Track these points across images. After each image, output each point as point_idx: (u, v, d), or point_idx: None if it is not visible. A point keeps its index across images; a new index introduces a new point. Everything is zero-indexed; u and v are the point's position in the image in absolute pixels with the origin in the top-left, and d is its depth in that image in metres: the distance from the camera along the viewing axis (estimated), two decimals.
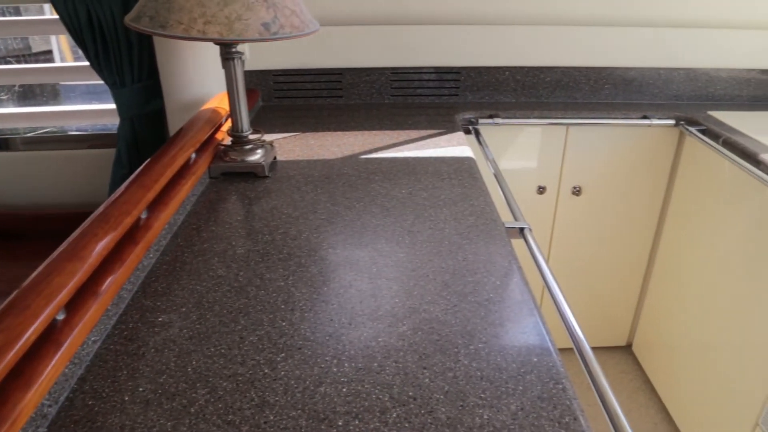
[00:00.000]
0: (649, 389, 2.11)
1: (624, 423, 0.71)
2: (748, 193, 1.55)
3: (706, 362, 1.73)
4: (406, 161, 1.35)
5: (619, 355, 2.27)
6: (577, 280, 2.07)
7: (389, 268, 0.93)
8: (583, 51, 1.86)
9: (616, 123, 1.80)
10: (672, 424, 1.96)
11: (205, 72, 1.59)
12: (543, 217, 1.92)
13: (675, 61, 1.93)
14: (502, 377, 0.71)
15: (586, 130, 1.81)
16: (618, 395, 2.06)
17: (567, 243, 1.99)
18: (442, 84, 1.85)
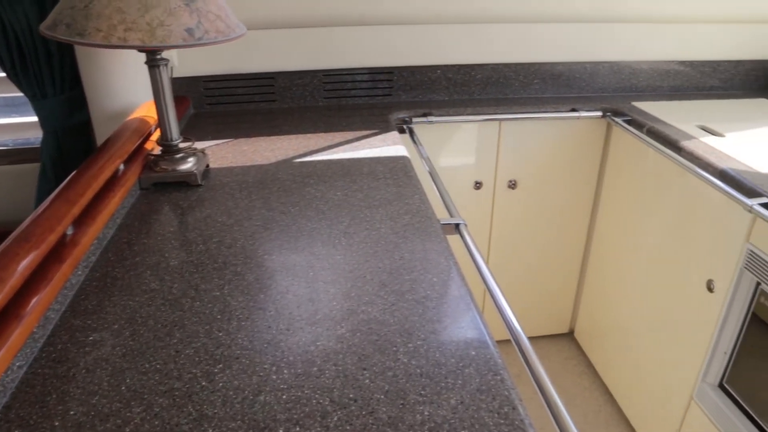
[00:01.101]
0: (593, 373, 2.18)
1: (562, 410, 0.73)
2: (671, 179, 1.62)
3: (643, 344, 1.80)
4: (341, 163, 1.35)
5: (563, 342, 2.34)
6: (519, 271, 2.12)
7: (326, 271, 0.93)
8: (512, 48, 1.90)
9: (546, 116, 1.85)
10: (615, 405, 2.03)
11: (132, 80, 1.55)
12: (481, 211, 1.96)
13: (600, 55, 1.99)
14: (441, 373, 0.72)
15: (518, 125, 1.85)
16: (563, 380, 2.12)
17: (506, 236, 2.03)
18: (375, 84, 1.86)
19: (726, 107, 1.92)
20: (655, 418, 1.75)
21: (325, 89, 1.84)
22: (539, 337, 2.34)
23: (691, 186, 1.53)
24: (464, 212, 1.94)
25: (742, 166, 1.42)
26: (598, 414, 1.99)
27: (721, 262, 1.43)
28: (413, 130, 1.70)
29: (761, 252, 1.30)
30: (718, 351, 1.47)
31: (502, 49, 1.90)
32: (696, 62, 2.08)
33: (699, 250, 1.51)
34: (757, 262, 1.32)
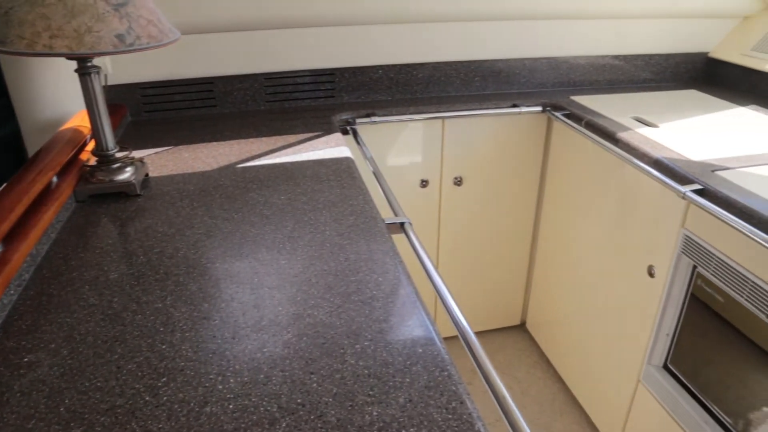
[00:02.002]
0: (545, 363, 2.22)
1: (510, 402, 0.74)
2: (610, 169, 1.67)
3: (591, 331, 1.85)
4: (284, 167, 1.33)
5: (516, 334, 2.38)
6: (469, 266, 2.14)
7: (271, 276, 0.92)
8: (452, 46, 1.92)
9: (488, 113, 1.87)
10: (568, 392, 2.07)
11: (63, 89, 1.49)
12: (428, 209, 1.97)
13: (538, 52, 2.04)
14: (389, 372, 0.72)
15: (461, 122, 1.87)
16: (517, 372, 2.15)
17: (454, 232, 2.05)
18: (317, 86, 1.85)
19: (659, 99, 1.99)
20: (606, 402, 1.79)
21: (266, 93, 1.82)
22: (493, 330, 2.37)
23: (629, 176, 1.58)
24: (411, 211, 1.95)
25: (675, 154, 1.47)
26: (552, 402, 2.04)
27: (660, 248, 1.48)
28: (357, 131, 1.69)
29: (696, 237, 1.36)
30: (661, 333, 1.52)
31: (442, 47, 1.92)
32: (630, 56, 2.15)
33: (639, 237, 1.56)
34: (693, 246, 1.37)
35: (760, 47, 2.02)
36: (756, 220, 1.17)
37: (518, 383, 2.12)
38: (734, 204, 1.22)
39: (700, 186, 1.32)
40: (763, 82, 1.99)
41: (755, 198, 1.23)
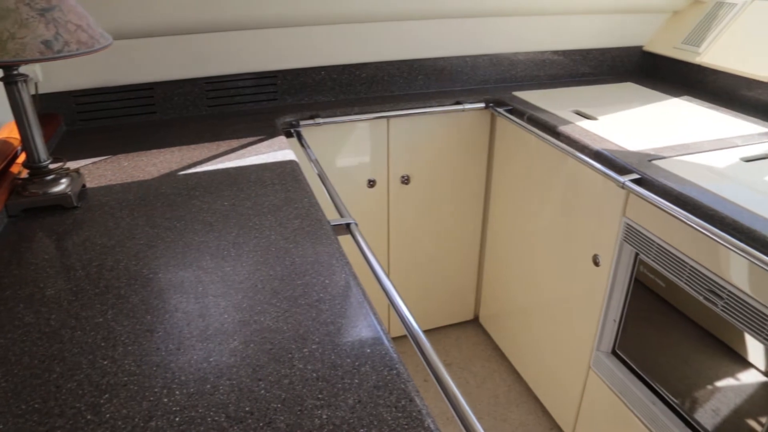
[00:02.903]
0: (500, 355, 2.25)
1: (459, 398, 0.74)
2: (553, 162, 1.70)
3: (541, 322, 1.89)
4: (228, 172, 1.31)
5: (470, 329, 2.40)
6: (420, 264, 2.15)
7: (216, 284, 0.90)
8: (394, 45, 1.93)
9: (432, 111, 1.89)
10: (523, 383, 2.11)
11: None
12: (377, 209, 1.97)
13: (479, 49, 2.06)
14: (337, 374, 0.72)
15: (406, 121, 1.88)
16: (473, 366, 2.18)
17: (404, 231, 2.06)
18: (259, 90, 1.83)
19: (597, 92, 2.05)
20: (560, 390, 1.83)
21: (208, 97, 1.78)
22: (447, 326, 2.39)
23: (571, 168, 1.62)
24: (360, 211, 1.95)
25: (614, 146, 1.51)
26: (508, 394, 2.07)
27: (604, 237, 1.52)
28: (301, 133, 1.68)
29: (636, 224, 1.40)
30: (608, 320, 1.56)
31: (384, 47, 1.92)
32: (568, 51, 2.20)
33: (584, 227, 1.60)
34: (634, 234, 1.41)
35: (690, 40, 2.10)
36: (691, 207, 1.21)
37: (474, 377, 2.14)
38: (670, 192, 1.27)
39: (638, 175, 1.36)
40: (693, 73, 2.06)
41: (690, 185, 1.27)
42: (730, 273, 1.16)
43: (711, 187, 1.27)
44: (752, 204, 1.19)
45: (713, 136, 1.59)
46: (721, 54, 1.96)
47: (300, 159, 1.74)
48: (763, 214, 1.14)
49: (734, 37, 1.95)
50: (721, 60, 1.95)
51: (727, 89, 1.94)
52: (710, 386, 1.26)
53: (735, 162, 1.41)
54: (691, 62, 2.05)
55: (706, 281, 1.22)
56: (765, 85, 1.80)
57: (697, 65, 2.04)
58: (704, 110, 1.83)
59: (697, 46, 2.05)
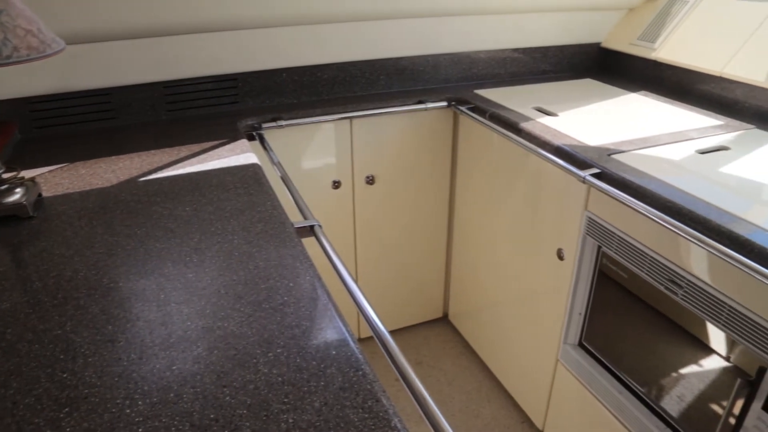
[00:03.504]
0: (470, 352, 2.27)
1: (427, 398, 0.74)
2: (516, 159, 1.72)
3: (509, 317, 1.90)
4: (189, 177, 1.29)
5: (440, 327, 2.41)
6: (388, 263, 2.15)
7: (178, 291, 0.89)
8: (355, 46, 1.92)
9: (395, 111, 1.89)
10: (494, 379, 2.13)
11: None
12: (343, 210, 1.97)
13: (440, 48, 2.07)
14: (303, 377, 0.71)
15: (369, 121, 1.88)
16: (443, 363, 2.19)
17: (371, 231, 2.06)
18: (220, 93, 1.80)
19: (557, 89, 2.08)
20: (529, 384, 1.85)
21: (168, 102, 1.75)
22: (417, 325, 2.40)
23: (533, 164, 1.64)
24: (326, 213, 1.94)
25: (574, 141, 1.53)
26: (479, 390, 2.08)
27: (567, 231, 1.54)
28: (263, 136, 1.67)
29: (598, 218, 1.42)
30: (574, 313, 1.59)
31: (345, 48, 1.92)
32: (528, 49, 2.22)
33: (547, 222, 1.62)
34: (596, 227, 1.43)
35: (645, 36, 2.14)
36: (650, 199, 1.24)
37: (445, 375, 2.15)
38: (629, 185, 1.29)
39: (598, 170, 1.38)
40: (649, 69, 2.11)
41: (648, 178, 1.30)
42: (688, 262, 1.19)
43: (668, 179, 1.30)
44: (707, 195, 1.22)
45: (670, 130, 1.62)
46: (676, 49, 2.01)
47: (263, 162, 1.73)
48: (717, 204, 1.17)
49: (688, 33, 2.00)
50: (675, 55, 2.00)
51: (682, 83, 1.98)
52: (675, 373, 1.29)
53: (691, 154, 1.45)
54: (647, 58, 2.10)
55: (666, 271, 1.25)
56: (718, 79, 1.84)
57: (653, 61, 2.08)
58: (661, 104, 1.87)
59: (652, 42, 2.10)
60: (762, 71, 1.71)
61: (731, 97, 1.82)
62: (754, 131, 1.63)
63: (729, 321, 1.11)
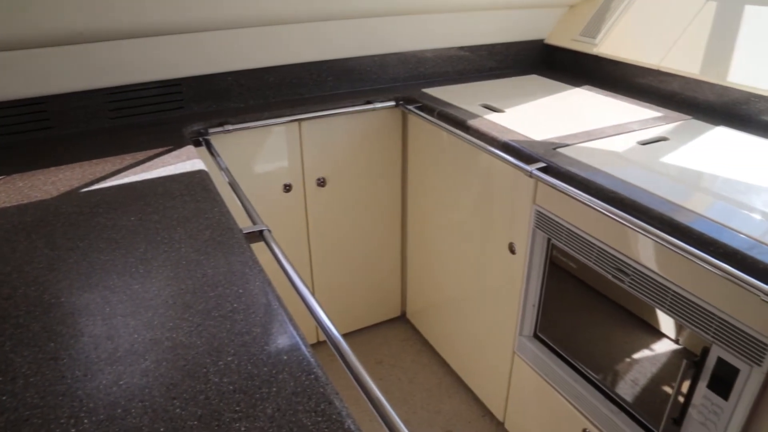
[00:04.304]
0: (429, 349, 2.28)
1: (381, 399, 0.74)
2: (465, 156, 1.74)
3: (466, 313, 1.92)
4: (134, 186, 1.26)
5: (398, 325, 2.42)
6: (344, 265, 2.15)
7: (124, 304, 0.86)
8: (301, 48, 1.91)
9: (343, 111, 1.88)
10: (454, 374, 2.14)
11: None
12: (295, 214, 1.95)
13: (387, 47, 2.08)
14: (255, 384, 0.70)
15: (318, 123, 1.87)
16: (403, 362, 2.19)
17: (325, 234, 2.05)
18: (164, 99, 1.76)
19: (504, 85, 2.11)
20: (488, 377, 1.87)
21: (110, 109, 1.70)
22: (375, 325, 2.40)
23: (483, 160, 1.66)
24: (278, 217, 1.92)
25: (521, 136, 1.56)
26: (440, 386, 2.10)
27: (518, 225, 1.57)
28: (210, 142, 1.64)
29: (546, 211, 1.45)
30: (528, 305, 1.61)
31: (291, 49, 1.90)
32: (474, 47, 2.25)
33: (498, 217, 1.64)
34: (545, 220, 1.46)
35: (586, 32, 2.20)
36: (594, 191, 1.27)
37: (405, 373, 2.16)
38: (575, 177, 1.32)
39: (545, 164, 1.41)
40: (592, 63, 2.16)
41: (592, 170, 1.33)
42: (632, 251, 1.22)
43: (612, 170, 1.33)
44: (649, 184, 1.25)
45: (612, 123, 1.66)
46: (616, 44, 2.06)
47: (210, 168, 1.69)
48: (658, 193, 1.21)
49: (626, 28, 2.06)
50: (615, 50, 2.05)
51: (623, 77, 2.04)
52: (628, 359, 1.33)
53: (632, 146, 1.49)
54: (589, 53, 2.15)
55: (612, 260, 1.28)
56: (656, 72, 1.90)
57: (595, 56, 2.13)
58: (603, 98, 1.92)
59: (593, 37, 2.15)
60: (696, 64, 1.78)
61: (669, 90, 1.88)
62: (691, 121, 1.69)
63: (673, 305, 1.15)
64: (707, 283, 1.07)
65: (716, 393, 1.11)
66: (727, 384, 1.09)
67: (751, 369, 1.04)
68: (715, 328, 1.08)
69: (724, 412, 1.10)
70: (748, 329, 1.02)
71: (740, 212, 1.13)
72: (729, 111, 1.71)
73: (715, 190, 1.23)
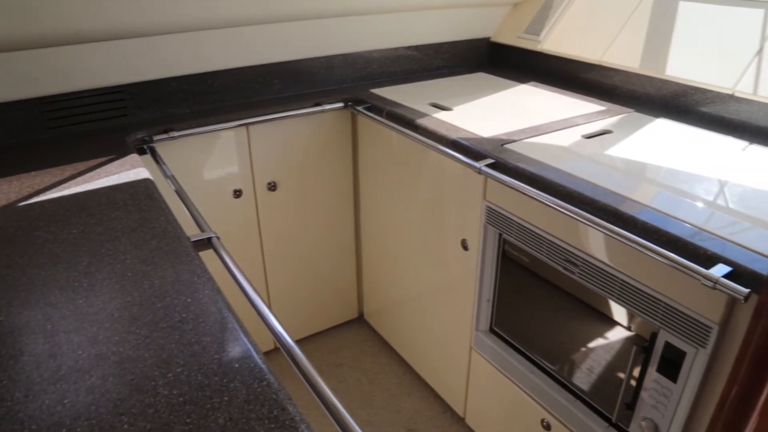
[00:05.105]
0: (389, 349, 2.28)
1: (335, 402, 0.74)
2: (415, 155, 1.74)
3: (423, 311, 1.93)
4: (76, 198, 1.22)
5: (356, 327, 2.41)
6: (299, 269, 2.13)
7: (67, 320, 0.83)
8: (246, 51, 1.88)
9: (291, 114, 1.86)
10: (414, 373, 2.15)
11: None
12: (246, 219, 1.93)
13: (334, 49, 2.07)
14: (206, 395, 0.69)
15: (266, 127, 1.85)
16: (362, 363, 2.19)
17: (278, 238, 2.03)
18: (106, 106, 1.71)
19: (451, 84, 2.13)
20: (448, 373, 1.89)
21: (48, 119, 1.64)
22: (334, 327, 2.39)
23: (433, 159, 1.67)
24: (229, 223, 1.89)
25: (469, 134, 1.57)
26: (400, 386, 2.10)
27: (469, 221, 1.58)
28: (155, 149, 1.60)
29: (496, 206, 1.46)
30: (483, 300, 1.63)
31: (236, 53, 1.87)
32: (421, 46, 2.26)
33: (450, 214, 1.65)
34: (495, 216, 1.47)
35: (531, 29, 2.24)
36: (542, 185, 1.29)
37: (365, 374, 2.15)
38: (523, 172, 1.34)
39: (493, 160, 1.42)
40: (537, 60, 2.20)
41: (539, 165, 1.36)
42: (581, 242, 1.24)
43: (558, 164, 1.35)
44: (593, 176, 1.28)
45: (558, 117, 1.70)
46: (559, 40, 2.10)
47: (157, 176, 1.65)
48: (602, 185, 1.24)
49: (569, 24, 2.10)
50: (559, 46, 2.09)
51: (567, 73, 2.08)
52: (583, 348, 1.35)
53: (578, 139, 1.52)
54: (534, 50, 2.19)
55: (562, 252, 1.30)
56: (598, 67, 1.95)
57: (539, 52, 2.17)
58: (549, 94, 1.95)
59: (537, 34, 2.19)
60: (636, 58, 1.83)
61: (611, 84, 1.93)
62: (633, 114, 1.73)
63: (621, 293, 1.18)
64: (652, 270, 1.10)
65: (665, 376, 1.15)
66: (675, 367, 1.12)
67: (697, 351, 1.07)
68: (661, 313, 1.11)
69: (674, 394, 1.14)
70: (693, 313, 1.05)
71: (682, 201, 1.17)
72: (668, 103, 1.77)
73: (658, 180, 1.27)
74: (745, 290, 0.90)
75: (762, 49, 1.56)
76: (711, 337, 1.03)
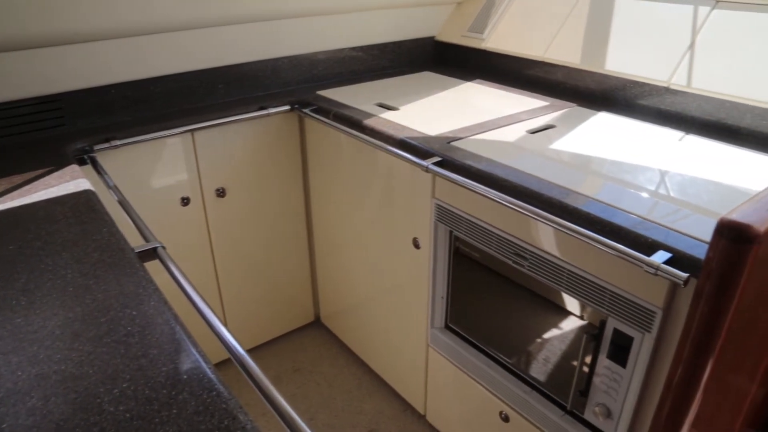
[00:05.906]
0: (347, 351, 2.28)
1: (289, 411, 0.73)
2: (364, 156, 1.74)
3: (378, 311, 1.93)
4: (11, 213, 1.17)
5: (313, 331, 2.40)
6: (252, 274, 2.10)
7: (4, 340, 0.80)
8: (188, 55, 1.85)
9: (237, 119, 1.84)
10: (373, 373, 2.15)
11: None
12: (195, 227, 1.89)
13: (278, 51, 2.05)
14: (154, 409, 0.67)
15: (211, 132, 1.82)
16: (321, 366, 2.18)
17: (229, 245, 1.99)
18: (42, 116, 1.64)
19: (397, 83, 2.13)
20: (406, 372, 1.89)
21: None
22: (290, 332, 2.37)
23: (382, 159, 1.67)
24: (177, 232, 1.85)
25: (416, 133, 1.58)
26: (359, 387, 2.10)
27: (420, 220, 1.59)
28: (96, 159, 1.55)
29: (445, 204, 1.48)
30: (437, 297, 1.64)
31: (177, 58, 1.83)
32: (366, 47, 2.26)
33: (401, 214, 1.66)
34: (445, 213, 1.49)
35: (474, 28, 2.26)
36: (488, 180, 1.31)
37: (324, 377, 2.14)
38: (469, 169, 1.35)
39: (440, 158, 1.43)
40: (481, 58, 2.23)
41: (485, 161, 1.37)
42: (529, 235, 1.27)
43: (504, 160, 1.38)
44: (538, 170, 1.31)
45: (503, 114, 1.72)
46: (502, 38, 2.14)
47: (98, 187, 1.60)
48: (547, 179, 1.26)
49: (511, 22, 2.14)
50: (502, 44, 2.13)
51: (511, 70, 2.12)
52: (538, 339, 1.38)
53: (523, 135, 1.55)
54: (478, 48, 2.22)
55: (511, 246, 1.32)
56: (541, 63, 1.99)
57: (484, 50, 2.20)
58: (494, 91, 1.98)
59: (480, 33, 2.22)
60: (577, 54, 1.87)
61: (554, 79, 1.97)
62: (575, 108, 1.78)
63: (570, 284, 1.21)
64: (598, 260, 1.13)
65: (615, 362, 1.18)
66: (623, 352, 1.16)
67: (643, 336, 1.11)
68: (608, 301, 1.14)
69: (624, 378, 1.17)
70: (637, 299, 1.08)
71: (625, 191, 1.20)
72: (608, 97, 1.81)
73: (601, 172, 1.30)
74: (684, 275, 0.94)
75: (693, 42, 1.62)
76: (655, 321, 1.06)
